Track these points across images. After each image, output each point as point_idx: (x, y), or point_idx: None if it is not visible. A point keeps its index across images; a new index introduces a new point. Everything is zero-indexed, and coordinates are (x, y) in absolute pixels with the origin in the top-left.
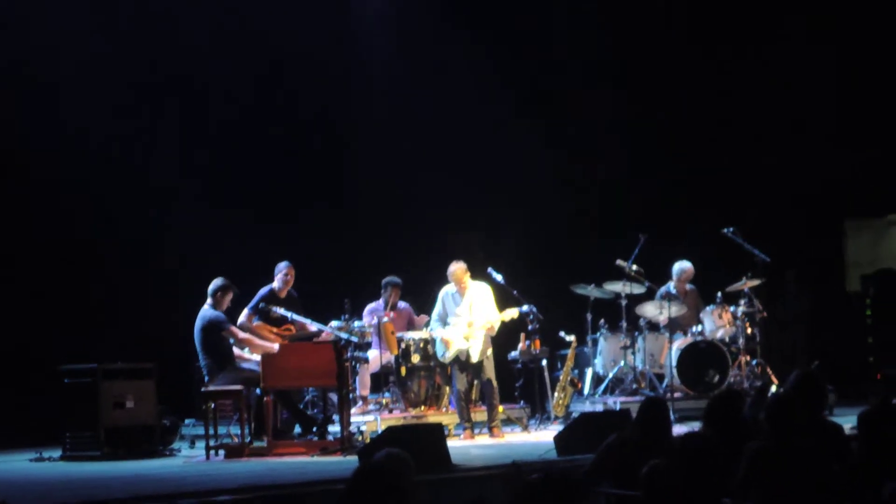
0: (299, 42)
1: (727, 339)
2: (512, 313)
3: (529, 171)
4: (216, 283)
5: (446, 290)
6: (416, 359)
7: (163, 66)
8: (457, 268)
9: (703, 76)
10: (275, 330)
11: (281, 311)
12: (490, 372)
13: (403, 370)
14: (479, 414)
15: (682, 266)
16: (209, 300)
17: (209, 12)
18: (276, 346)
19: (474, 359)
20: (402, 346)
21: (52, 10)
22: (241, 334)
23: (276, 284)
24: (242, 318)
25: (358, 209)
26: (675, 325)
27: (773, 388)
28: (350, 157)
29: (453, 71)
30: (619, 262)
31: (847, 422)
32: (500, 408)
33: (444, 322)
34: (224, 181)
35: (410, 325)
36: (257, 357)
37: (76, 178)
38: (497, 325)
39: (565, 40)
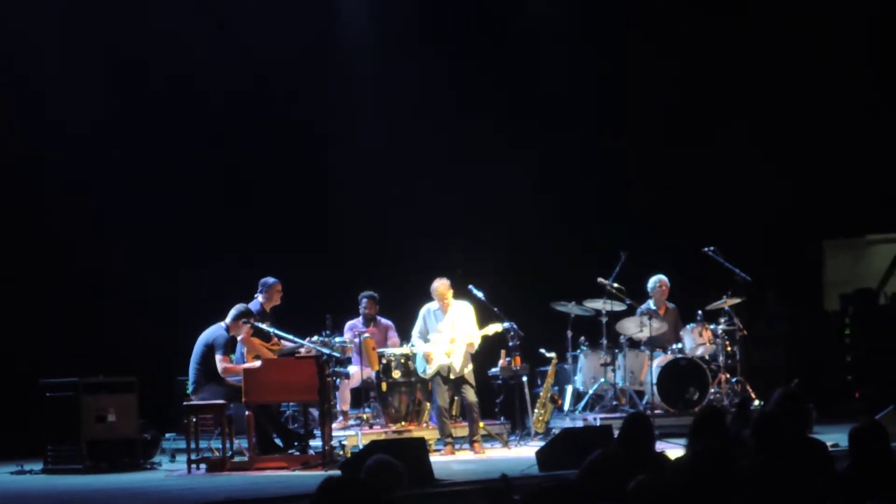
0: (283, 54)
1: (707, 357)
2: (495, 328)
3: (510, 188)
4: (239, 308)
5: (428, 307)
6: (396, 374)
7: (154, 75)
8: (440, 284)
9: (682, 92)
10: (266, 345)
11: (266, 327)
12: (470, 388)
13: (384, 385)
14: (460, 429)
15: (656, 278)
16: (227, 321)
17: (197, 24)
18: (258, 364)
19: (455, 374)
20: (383, 361)
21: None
22: (227, 365)
23: (261, 299)
24: (242, 333)
25: (340, 226)
26: (655, 343)
27: (756, 404)
28: (331, 173)
29: (434, 88)
30: (600, 279)
31: (828, 439)
32: (481, 423)
33: (424, 338)
34: (206, 196)
35: (389, 340)
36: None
37: (62, 192)
38: (478, 342)
39: (547, 60)
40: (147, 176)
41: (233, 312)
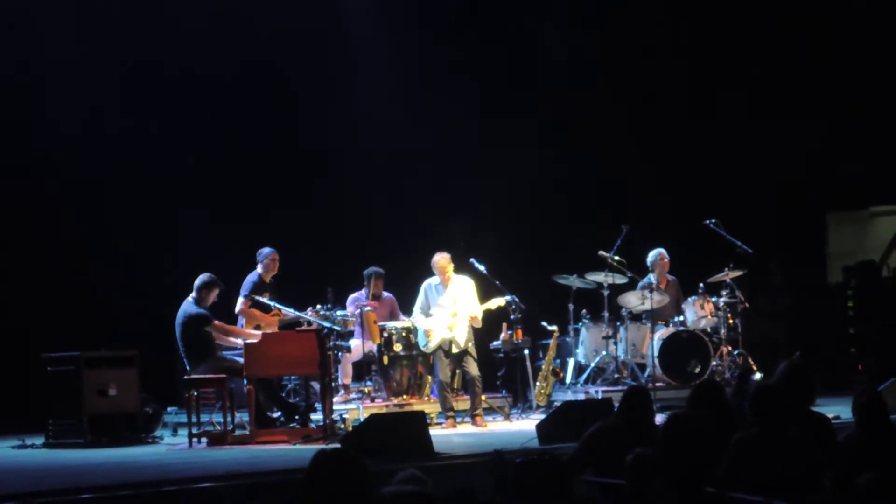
0: (287, 34)
1: (709, 330)
2: (498, 302)
3: (512, 161)
4: (202, 278)
5: (429, 282)
6: (398, 348)
7: (156, 64)
8: (440, 258)
9: (686, 65)
10: (267, 315)
11: (266, 300)
12: (472, 361)
13: (386, 359)
14: (462, 403)
15: (656, 252)
16: (193, 294)
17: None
18: (259, 334)
19: (457, 348)
20: (385, 335)
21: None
22: (228, 327)
23: (260, 270)
24: (239, 305)
25: (342, 199)
26: (656, 316)
27: (757, 377)
28: (335, 146)
29: (438, 62)
30: (601, 252)
31: (830, 412)
32: (482, 397)
33: (425, 313)
34: (207, 169)
35: (393, 315)
36: (241, 343)
37: (66, 172)
38: (481, 316)
39: (553, 37)
40: (147, 147)
41: (196, 284)
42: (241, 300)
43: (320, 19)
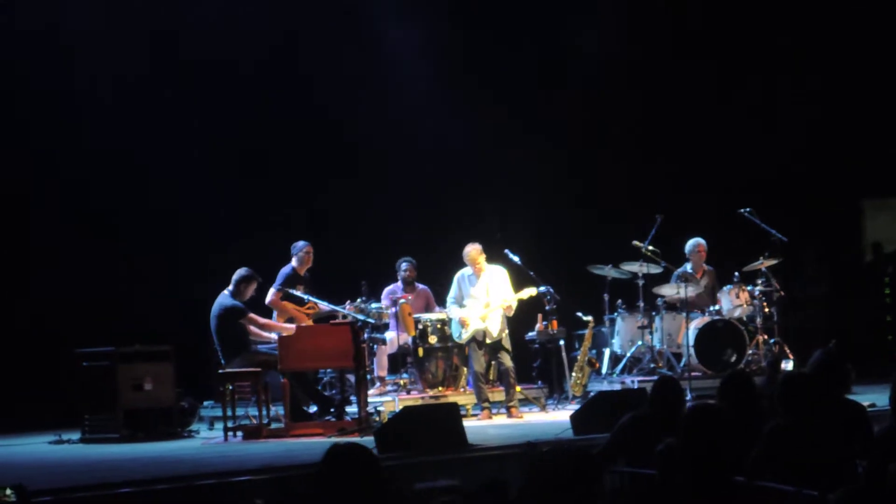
0: (312, 20)
1: (745, 319)
2: (530, 291)
3: (547, 152)
4: (240, 272)
5: (462, 273)
6: (433, 340)
7: (182, 49)
8: (472, 249)
9: (717, 46)
10: (301, 308)
11: (300, 293)
12: (507, 352)
13: (421, 351)
14: (497, 394)
15: (694, 241)
16: (231, 287)
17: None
18: (293, 328)
19: (491, 339)
20: (420, 327)
21: None
22: (262, 320)
23: (294, 263)
24: (270, 296)
25: (374, 193)
26: (692, 305)
27: (790, 366)
28: (369, 140)
29: (470, 53)
30: (636, 242)
31: (866, 399)
32: (518, 388)
33: (459, 304)
34: (242, 164)
35: (429, 307)
36: (275, 337)
37: (94, 163)
38: (514, 305)
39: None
40: (181, 145)
41: (234, 278)
42: (272, 291)
43: (353, 14)
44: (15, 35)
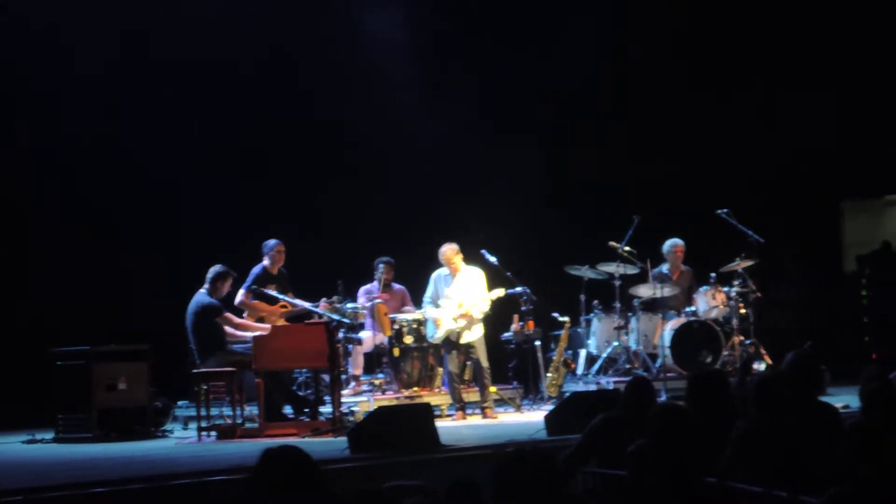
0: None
1: (721, 320)
2: (498, 292)
3: (524, 153)
4: (215, 269)
5: (438, 273)
6: (409, 340)
7: (162, 47)
8: (448, 249)
9: (694, 49)
10: (272, 308)
11: (272, 292)
12: (481, 353)
13: (397, 351)
14: (472, 394)
15: (672, 242)
16: (206, 286)
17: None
18: (268, 328)
19: (465, 339)
20: (395, 327)
21: None
22: (237, 320)
23: (266, 262)
24: (240, 297)
25: (353, 192)
26: (668, 306)
27: (762, 367)
28: (348, 138)
29: (450, 56)
30: (612, 243)
31: (840, 401)
32: (493, 388)
33: (435, 304)
34: (217, 161)
35: (405, 307)
36: (249, 337)
37: (68, 159)
38: (487, 307)
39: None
40: (157, 144)
41: (209, 276)
42: (241, 292)
43: (336, 15)
44: (14, 34)
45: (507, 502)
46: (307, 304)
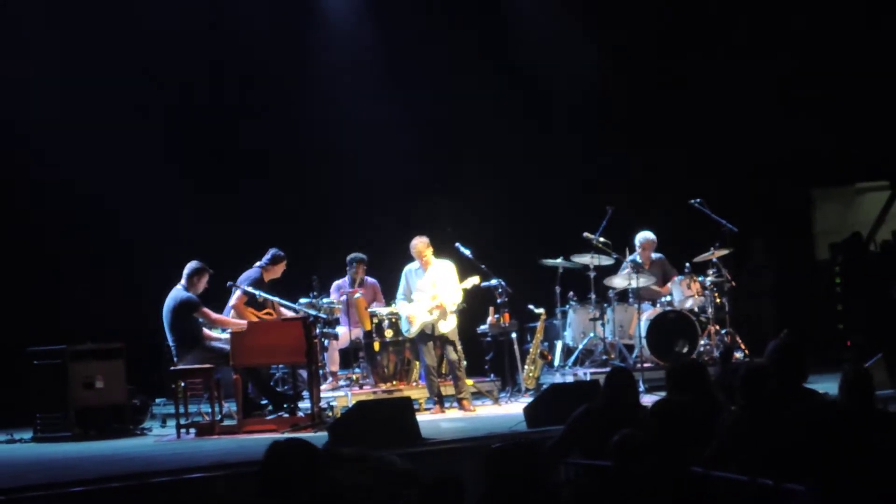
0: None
1: (696, 309)
2: (473, 280)
3: (497, 143)
4: (192, 265)
5: (409, 267)
6: (389, 333)
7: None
8: (418, 242)
9: (669, 45)
10: (258, 313)
11: (261, 293)
12: (454, 345)
13: (377, 345)
14: (450, 388)
15: (643, 236)
16: (183, 282)
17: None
18: (244, 324)
19: (440, 330)
20: (375, 320)
21: None
22: (214, 315)
23: (266, 268)
24: (234, 300)
25: (322, 186)
26: (643, 296)
27: (740, 355)
28: (314, 133)
29: (413, 36)
30: (587, 234)
31: (817, 389)
32: (470, 381)
33: (408, 298)
34: (187, 158)
35: (377, 301)
36: (226, 335)
37: (35, 159)
38: (459, 298)
39: (535, 16)
40: (128, 140)
41: (186, 272)
42: (237, 293)
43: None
44: None
45: (498, 495)
46: (291, 310)
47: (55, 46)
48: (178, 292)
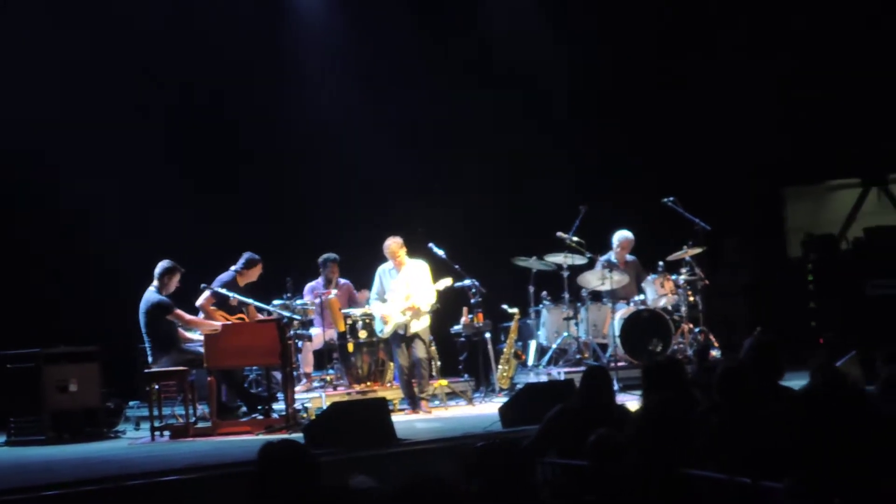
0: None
1: (669, 308)
2: (446, 282)
3: (469, 142)
4: (163, 265)
5: (383, 267)
6: (363, 335)
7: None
8: (392, 242)
9: (644, 45)
10: (230, 317)
11: (234, 294)
12: (422, 344)
13: (351, 346)
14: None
15: (622, 235)
16: (155, 283)
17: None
18: (219, 325)
19: (412, 329)
20: (349, 322)
21: None
22: (188, 317)
23: (240, 272)
24: (202, 300)
25: (296, 187)
26: (617, 295)
27: (716, 353)
28: (285, 131)
29: (388, 37)
30: (559, 233)
31: (791, 386)
32: (445, 381)
33: (381, 299)
34: (160, 161)
35: (352, 302)
36: (202, 337)
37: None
38: (433, 299)
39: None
40: (105, 144)
41: (157, 272)
42: (206, 294)
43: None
44: None
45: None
46: (267, 308)
47: (54, 45)
48: (150, 294)
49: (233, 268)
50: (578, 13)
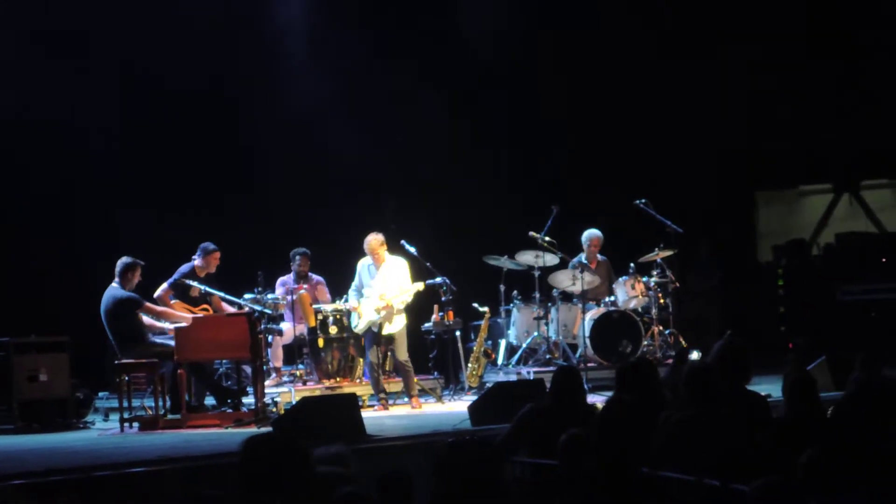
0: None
1: (640, 310)
2: (417, 286)
3: (440, 142)
4: (123, 261)
5: (364, 262)
6: (333, 330)
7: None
8: (372, 239)
9: (615, 47)
10: (193, 309)
11: (196, 284)
12: (400, 346)
13: (321, 342)
14: (393, 385)
15: (590, 233)
16: (116, 280)
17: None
18: (190, 317)
19: (386, 331)
20: (320, 317)
21: None
22: (158, 308)
23: (198, 262)
24: (160, 292)
25: (268, 183)
26: (588, 296)
27: (694, 355)
28: (258, 129)
29: (358, 38)
30: (532, 233)
31: (760, 391)
32: (414, 378)
33: (360, 293)
34: (135, 157)
35: (319, 298)
36: (171, 326)
37: None
38: (410, 298)
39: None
40: (77, 133)
41: (118, 269)
42: (164, 286)
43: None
44: None
45: (449, 493)
46: (233, 305)
47: (53, 45)
48: (114, 290)
49: (193, 260)
50: (554, 9)
